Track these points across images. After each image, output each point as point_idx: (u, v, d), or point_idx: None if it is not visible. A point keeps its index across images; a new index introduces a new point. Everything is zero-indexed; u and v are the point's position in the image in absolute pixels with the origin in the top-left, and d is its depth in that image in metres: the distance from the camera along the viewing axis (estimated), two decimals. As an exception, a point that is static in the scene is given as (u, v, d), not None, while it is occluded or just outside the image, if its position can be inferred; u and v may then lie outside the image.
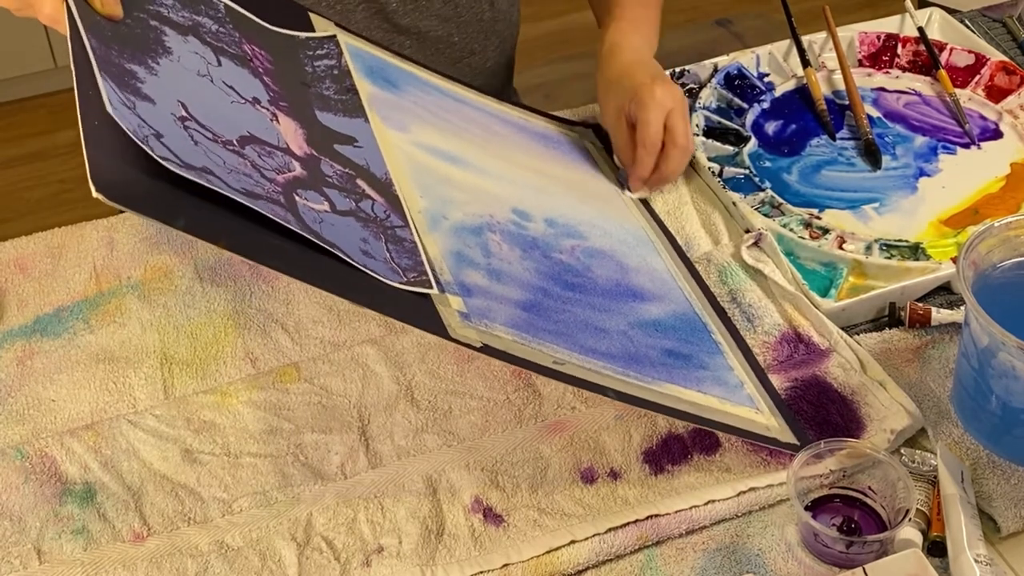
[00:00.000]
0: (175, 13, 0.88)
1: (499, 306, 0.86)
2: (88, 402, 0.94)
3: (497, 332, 0.83)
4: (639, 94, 1.05)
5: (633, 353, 0.88)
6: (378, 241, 0.83)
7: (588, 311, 0.91)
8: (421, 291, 0.82)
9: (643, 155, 1.06)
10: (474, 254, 0.89)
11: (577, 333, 0.87)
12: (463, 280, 0.86)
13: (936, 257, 1.01)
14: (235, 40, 0.91)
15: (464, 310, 0.83)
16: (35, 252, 1.07)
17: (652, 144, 1.05)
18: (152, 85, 0.80)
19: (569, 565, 0.81)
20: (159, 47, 0.84)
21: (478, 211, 0.94)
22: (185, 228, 0.73)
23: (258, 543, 0.84)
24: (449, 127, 1.03)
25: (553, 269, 0.93)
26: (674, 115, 1.05)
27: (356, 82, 0.98)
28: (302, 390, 0.94)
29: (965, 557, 0.78)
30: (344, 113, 0.94)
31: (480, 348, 0.81)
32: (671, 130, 1.05)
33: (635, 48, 1.12)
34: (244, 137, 0.83)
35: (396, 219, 0.87)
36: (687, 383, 0.88)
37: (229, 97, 0.86)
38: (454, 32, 1.23)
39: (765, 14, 1.83)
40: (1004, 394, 0.83)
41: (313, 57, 0.97)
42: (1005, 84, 1.20)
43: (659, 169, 1.07)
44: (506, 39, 1.30)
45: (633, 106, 1.06)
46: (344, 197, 0.85)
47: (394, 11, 1.18)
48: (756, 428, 0.87)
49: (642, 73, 1.07)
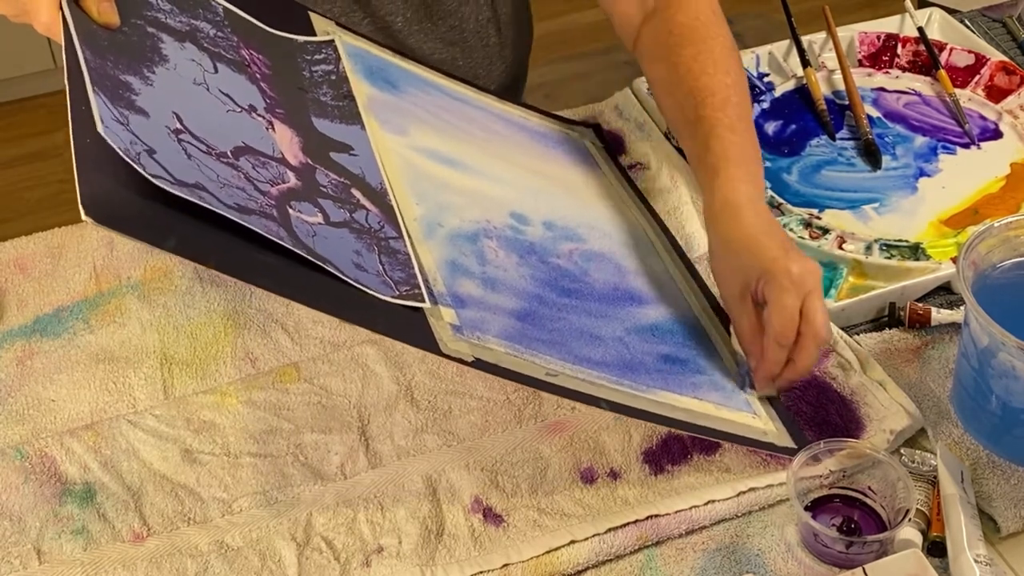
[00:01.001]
0: (172, 19, 0.88)
1: (493, 317, 0.85)
2: (88, 402, 0.94)
3: (490, 344, 0.82)
4: (772, 272, 0.87)
5: (628, 360, 0.88)
6: (371, 253, 0.83)
7: (584, 318, 0.91)
8: (413, 304, 0.81)
9: (774, 349, 0.87)
10: (469, 262, 0.89)
11: (572, 342, 0.87)
12: (457, 291, 0.86)
13: (936, 257, 1.01)
14: (233, 45, 0.91)
15: (457, 322, 0.83)
16: (35, 252, 1.07)
17: (787, 335, 0.86)
18: (147, 97, 0.80)
19: (569, 565, 0.81)
20: (155, 55, 0.84)
21: (475, 216, 0.94)
22: (175, 249, 0.73)
23: (258, 543, 0.84)
24: (449, 128, 1.03)
25: (550, 275, 0.93)
26: (812, 298, 0.86)
27: (355, 85, 0.98)
28: (302, 390, 0.94)
29: (965, 557, 0.78)
30: (341, 120, 0.94)
31: (472, 363, 0.80)
32: (809, 317, 0.86)
33: (755, 205, 0.92)
34: (239, 148, 0.82)
35: (390, 230, 0.86)
36: (683, 389, 0.88)
37: (225, 106, 0.85)
38: (459, 56, 1.22)
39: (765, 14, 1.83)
40: (1004, 394, 0.83)
41: (311, 62, 0.97)
42: (1005, 84, 1.20)
43: (791, 363, 0.87)
44: (512, 64, 1.29)
45: (764, 286, 0.87)
46: (338, 208, 0.85)
47: (399, 31, 1.17)
48: (752, 433, 0.87)
49: (772, 244, 0.88)
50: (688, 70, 1.00)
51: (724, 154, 0.95)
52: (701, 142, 0.97)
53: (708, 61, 1.00)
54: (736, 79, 1.00)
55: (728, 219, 0.91)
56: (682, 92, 1.00)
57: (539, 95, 1.31)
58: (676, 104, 1.01)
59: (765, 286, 0.87)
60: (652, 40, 1.06)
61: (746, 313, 0.90)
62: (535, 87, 1.40)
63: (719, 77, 0.99)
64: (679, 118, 1.01)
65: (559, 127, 1.15)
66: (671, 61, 1.02)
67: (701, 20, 1.03)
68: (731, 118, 0.97)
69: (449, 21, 1.19)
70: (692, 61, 1.00)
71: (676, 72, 1.01)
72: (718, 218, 0.92)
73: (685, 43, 1.02)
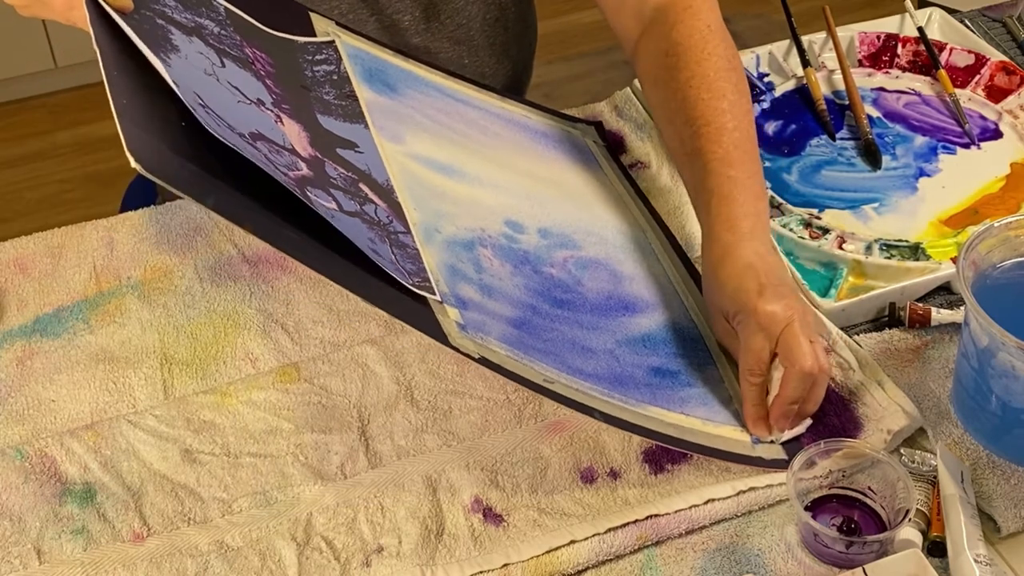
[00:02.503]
0: (178, 14, 0.88)
1: (492, 321, 0.86)
2: (88, 402, 0.94)
3: (492, 346, 0.84)
4: (744, 312, 0.87)
5: (619, 374, 0.88)
6: (383, 244, 0.84)
7: (576, 329, 0.91)
8: (426, 295, 0.83)
9: (745, 386, 0.87)
10: (467, 269, 0.89)
11: (565, 353, 0.88)
12: (458, 293, 0.86)
13: (936, 257, 1.01)
14: (236, 43, 0.91)
15: (461, 321, 0.84)
16: (35, 252, 1.07)
17: (752, 372, 0.86)
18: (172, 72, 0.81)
19: (569, 565, 0.81)
20: (167, 44, 0.85)
21: (470, 225, 0.94)
22: (215, 207, 0.77)
23: (258, 543, 0.84)
24: (446, 132, 1.03)
25: (543, 285, 0.93)
26: (787, 334, 0.84)
27: (355, 87, 0.98)
28: (302, 390, 0.94)
29: (965, 557, 0.78)
30: (344, 118, 0.94)
31: (478, 359, 0.81)
32: (785, 351, 0.84)
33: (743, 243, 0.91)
34: (254, 134, 0.84)
35: (399, 225, 0.87)
36: (671, 405, 0.88)
37: (235, 97, 0.86)
38: (465, 55, 1.21)
39: (765, 14, 1.83)
40: (1004, 394, 0.83)
41: (312, 62, 0.97)
42: (1005, 84, 1.20)
43: (779, 398, 0.86)
44: (517, 62, 1.29)
45: (737, 326, 0.88)
46: (349, 199, 0.86)
47: (406, 29, 1.17)
48: (740, 448, 0.87)
49: (751, 284, 0.87)
50: (684, 98, 0.99)
51: (718, 191, 0.93)
52: (698, 176, 0.96)
53: (703, 87, 0.98)
54: (733, 101, 0.98)
55: (716, 258, 0.91)
56: (680, 121, 0.99)
57: (539, 95, 1.31)
58: (675, 133, 1.00)
59: (738, 326, 0.88)
60: (650, 61, 1.05)
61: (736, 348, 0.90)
62: (535, 87, 1.40)
63: (714, 103, 0.97)
64: (678, 148, 1.00)
65: (561, 125, 1.15)
66: (669, 87, 1.01)
67: (695, 38, 1.01)
68: (726, 149, 0.95)
69: (456, 19, 1.19)
70: (687, 87, 0.99)
71: (674, 99, 1.00)
72: (707, 257, 0.92)
73: (680, 66, 1.00)
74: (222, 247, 1.06)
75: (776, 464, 0.86)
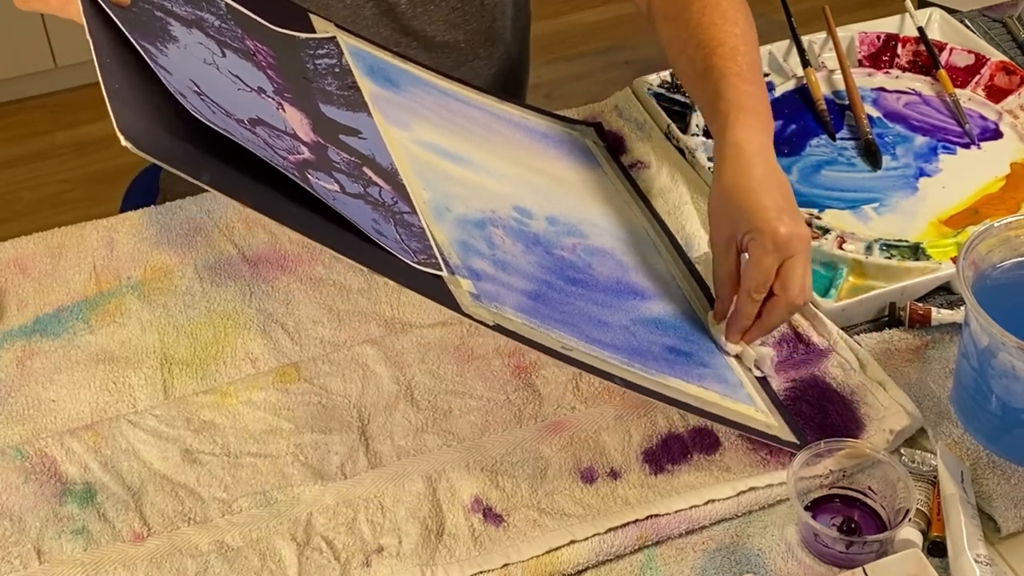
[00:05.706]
0: (178, 7, 0.88)
1: (507, 292, 0.87)
2: (88, 402, 0.94)
3: (508, 315, 0.84)
4: (759, 229, 0.87)
5: (636, 347, 0.89)
6: (388, 224, 0.84)
7: (590, 305, 0.91)
8: (432, 272, 0.83)
9: (745, 302, 0.89)
10: (479, 245, 0.90)
11: (582, 324, 0.88)
12: (471, 265, 0.87)
13: (936, 257, 1.01)
14: (237, 36, 0.91)
15: (475, 291, 0.84)
16: (35, 252, 1.07)
17: (759, 291, 0.88)
18: (165, 62, 0.81)
19: (569, 565, 0.81)
20: (165, 35, 0.85)
21: (480, 206, 0.94)
22: (210, 182, 0.77)
23: (258, 543, 0.84)
24: (450, 126, 1.03)
25: (555, 264, 0.94)
26: (793, 263, 0.87)
27: (357, 80, 0.98)
28: (302, 390, 0.94)
29: (965, 557, 0.78)
30: (347, 108, 0.94)
31: (492, 326, 0.81)
32: (785, 281, 0.87)
33: (764, 155, 0.92)
34: (253, 120, 0.84)
35: (404, 206, 0.88)
36: (689, 378, 0.88)
37: (235, 85, 0.86)
38: (460, 38, 1.23)
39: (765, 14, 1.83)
40: (1004, 394, 0.83)
41: (314, 56, 0.98)
42: (1005, 84, 1.20)
43: (759, 319, 0.90)
44: (512, 46, 1.30)
45: (748, 241, 0.88)
46: (352, 182, 0.86)
47: (403, 12, 1.18)
48: (758, 424, 0.87)
49: (769, 201, 0.88)
50: (697, 24, 1.01)
51: (736, 101, 0.94)
52: (712, 89, 0.97)
53: (716, 13, 1.01)
54: (744, 30, 1.01)
55: (734, 167, 0.91)
56: (692, 45, 1.01)
57: (539, 95, 1.31)
58: (687, 58, 1.01)
59: (750, 242, 0.88)
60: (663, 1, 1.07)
61: (728, 262, 0.92)
62: (535, 87, 1.40)
63: (727, 28, 1.00)
64: (690, 71, 1.01)
65: (560, 127, 1.15)
66: (681, 18, 1.03)
67: None
68: (741, 66, 0.97)
69: (452, 2, 1.20)
70: (700, 15, 1.01)
71: (686, 28, 1.02)
72: (725, 164, 0.92)
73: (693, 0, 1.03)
74: (222, 247, 1.06)
75: (789, 445, 0.86)
